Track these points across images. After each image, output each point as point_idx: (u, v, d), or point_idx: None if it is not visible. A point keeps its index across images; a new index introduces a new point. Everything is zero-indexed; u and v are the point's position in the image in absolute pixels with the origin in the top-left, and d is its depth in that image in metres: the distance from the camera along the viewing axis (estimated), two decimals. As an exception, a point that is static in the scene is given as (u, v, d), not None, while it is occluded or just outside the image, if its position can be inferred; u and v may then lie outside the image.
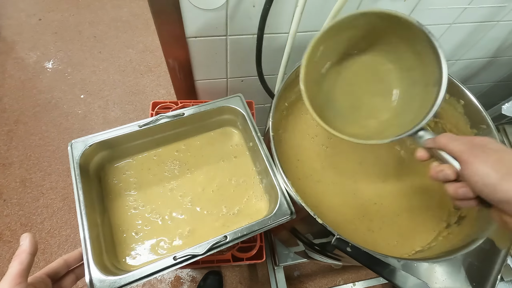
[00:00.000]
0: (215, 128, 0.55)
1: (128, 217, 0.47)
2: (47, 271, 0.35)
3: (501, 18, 0.70)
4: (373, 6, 0.58)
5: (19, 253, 0.32)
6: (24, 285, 0.30)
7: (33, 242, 0.33)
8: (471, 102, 0.51)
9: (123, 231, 0.45)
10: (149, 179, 0.50)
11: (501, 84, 1.01)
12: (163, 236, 0.45)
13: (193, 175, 0.51)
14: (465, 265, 0.38)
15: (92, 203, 0.43)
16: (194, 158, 0.52)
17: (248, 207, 0.49)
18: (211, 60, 0.66)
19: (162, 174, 0.50)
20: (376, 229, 0.50)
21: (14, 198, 1.16)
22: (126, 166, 0.50)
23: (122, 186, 0.49)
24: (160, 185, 0.49)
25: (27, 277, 0.31)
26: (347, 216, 0.51)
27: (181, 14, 0.53)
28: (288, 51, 0.57)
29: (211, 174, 0.51)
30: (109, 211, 0.46)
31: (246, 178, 0.51)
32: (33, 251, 0.33)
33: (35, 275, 0.33)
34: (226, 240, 0.39)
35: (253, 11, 0.55)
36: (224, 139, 0.55)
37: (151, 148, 0.52)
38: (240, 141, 0.54)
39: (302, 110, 0.60)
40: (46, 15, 1.62)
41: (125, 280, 0.36)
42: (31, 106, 1.35)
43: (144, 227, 0.46)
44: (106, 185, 0.48)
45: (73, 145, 0.44)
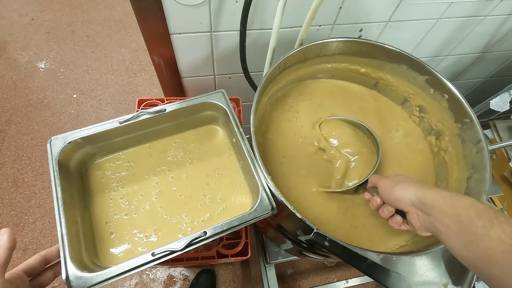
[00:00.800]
0: (199, 125, 0.55)
1: (109, 213, 0.46)
2: (24, 267, 0.34)
3: (488, 12, 0.70)
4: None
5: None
6: (1, 280, 0.30)
7: (12, 237, 0.33)
8: (455, 97, 0.51)
9: (104, 227, 0.45)
10: (132, 175, 0.49)
11: (492, 80, 1.01)
12: (144, 232, 0.45)
13: (177, 171, 0.50)
14: (445, 258, 0.38)
15: (72, 200, 0.43)
16: (178, 154, 0.52)
17: (233, 202, 0.49)
18: (197, 57, 0.66)
19: (146, 170, 0.50)
20: (359, 225, 0.50)
21: (6, 198, 1.15)
22: (108, 162, 0.50)
23: (104, 182, 0.48)
24: (143, 181, 0.49)
25: (4, 272, 0.31)
26: (331, 211, 0.51)
27: (163, 10, 0.53)
28: (272, 46, 0.57)
29: (195, 171, 0.51)
30: (90, 207, 0.46)
31: (230, 174, 0.51)
32: (11, 246, 0.32)
33: (12, 271, 0.33)
34: (205, 235, 0.39)
35: (236, 7, 0.55)
36: (208, 135, 0.54)
37: (134, 145, 0.51)
38: (223, 137, 0.54)
39: (286, 106, 0.60)
40: (38, 15, 1.62)
41: (102, 277, 0.36)
42: (23, 106, 1.35)
43: (125, 223, 0.45)
44: (88, 182, 0.48)
45: (52, 142, 0.43)
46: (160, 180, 0.50)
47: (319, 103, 0.61)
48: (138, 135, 0.50)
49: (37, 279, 0.36)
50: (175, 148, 0.53)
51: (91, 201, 0.47)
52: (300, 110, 0.60)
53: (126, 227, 0.45)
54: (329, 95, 0.62)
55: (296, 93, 0.62)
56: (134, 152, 0.51)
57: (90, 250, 0.42)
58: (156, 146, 0.52)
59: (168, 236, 0.44)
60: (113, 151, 0.51)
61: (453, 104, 0.52)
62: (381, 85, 0.62)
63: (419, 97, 0.58)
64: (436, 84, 0.53)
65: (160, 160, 0.51)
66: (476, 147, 0.48)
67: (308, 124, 0.58)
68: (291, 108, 0.59)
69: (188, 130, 0.54)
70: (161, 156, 0.52)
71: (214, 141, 0.54)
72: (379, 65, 0.59)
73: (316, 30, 0.64)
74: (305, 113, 0.59)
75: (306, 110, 0.60)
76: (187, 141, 0.53)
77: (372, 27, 0.67)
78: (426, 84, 0.55)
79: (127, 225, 0.45)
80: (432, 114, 0.57)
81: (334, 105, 0.61)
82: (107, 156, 0.51)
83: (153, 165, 0.51)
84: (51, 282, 0.37)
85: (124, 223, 0.45)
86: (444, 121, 0.55)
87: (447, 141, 0.54)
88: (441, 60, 0.86)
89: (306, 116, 0.59)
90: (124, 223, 0.45)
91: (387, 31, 0.70)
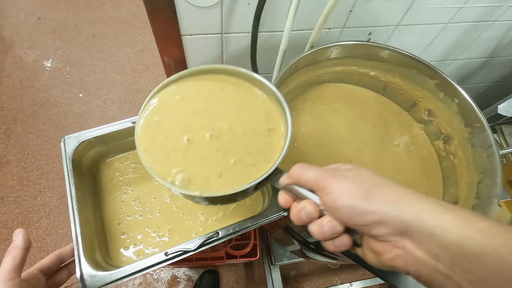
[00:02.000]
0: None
1: (121, 212, 0.46)
2: (40, 266, 0.35)
3: (497, 18, 0.70)
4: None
5: (12, 249, 0.32)
6: (18, 280, 0.30)
7: (26, 237, 0.33)
8: (465, 101, 0.51)
9: (115, 227, 0.45)
10: (142, 174, 0.50)
11: (498, 84, 1.01)
12: (158, 232, 0.45)
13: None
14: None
15: (85, 199, 0.43)
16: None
17: (244, 201, 0.49)
18: (206, 58, 0.66)
19: None
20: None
21: (11, 196, 1.16)
22: (119, 161, 0.50)
23: (115, 182, 0.49)
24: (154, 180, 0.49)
25: (21, 272, 0.31)
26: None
27: (176, 11, 0.53)
28: (283, 49, 0.57)
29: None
30: (102, 207, 0.46)
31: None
32: (26, 247, 0.33)
33: (28, 271, 0.33)
34: (218, 236, 0.39)
35: (248, 9, 0.55)
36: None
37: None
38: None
39: (297, 109, 0.60)
40: (45, 14, 1.63)
41: (116, 276, 0.36)
42: (29, 104, 1.35)
43: (138, 223, 0.46)
44: (99, 181, 0.48)
45: (66, 141, 0.44)
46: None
47: (333, 108, 0.61)
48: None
49: (52, 278, 0.36)
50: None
51: (102, 201, 0.47)
52: (309, 114, 0.60)
53: (139, 227, 0.45)
54: (338, 99, 0.63)
55: (306, 97, 0.62)
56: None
57: (102, 249, 0.42)
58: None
59: (181, 236, 0.45)
60: (123, 150, 0.51)
61: (463, 108, 0.52)
62: (390, 88, 0.62)
63: (428, 101, 0.58)
64: (447, 88, 0.53)
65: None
66: (486, 151, 0.48)
67: (314, 127, 0.58)
68: (300, 112, 0.59)
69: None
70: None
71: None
72: (388, 69, 0.59)
73: (326, 33, 0.64)
74: (313, 116, 0.60)
75: (316, 113, 0.60)
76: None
77: (381, 30, 0.68)
78: (436, 88, 0.55)
79: (140, 225, 0.46)
80: (441, 118, 0.57)
81: (338, 108, 0.62)
82: (117, 155, 0.51)
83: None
84: (66, 280, 0.37)
85: (137, 223, 0.46)
86: (453, 125, 0.55)
87: (457, 145, 0.54)
88: (448, 65, 0.86)
89: (315, 120, 0.59)
90: (137, 224, 0.46)
91: (396, 35, 0.70)
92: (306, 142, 0.57)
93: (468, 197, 0.48)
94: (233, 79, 0.39)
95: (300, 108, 0.61)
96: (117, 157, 0.50)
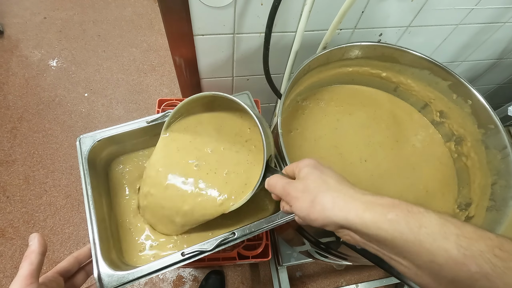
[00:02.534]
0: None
1: (133, 212, 0.46)
2: (59, 269, 0.34)
3: (508, 19, 0.70)
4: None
5: (29, 254, 0.31)
6: (36, 285, 0.30)
7: (42, 242, 0.33)
8: (478, 102, 0.51)
9: (129, 227, 0.45)
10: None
11: (506, 86, 1.01)
12: (170, 231, 0.45)
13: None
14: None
15: (100, 199, 0.43)
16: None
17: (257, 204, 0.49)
18: (217, 58, 0.66)
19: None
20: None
21: (17, 195, 1.16)
22: (132, 161, 0.50)
23: (128, 180, 0.48)
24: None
25: (38, 277, 0.31)
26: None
27: (189, 11, 0.54)
28: (295, 49, 0.57)
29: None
30: (115, 206, 0.46)
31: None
32: (43, 251, 0.32)
33: (47, 274, 0.33)
34: (234, 236, 0.39)
35: (261, 9, 0.55)
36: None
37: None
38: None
39: (310, 108, 0.60)
40: (50, 14, 1.63)
41: (134, 275, 0.36)
42: (35, 104, 1.35)
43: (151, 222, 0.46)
44: (112, 180, 0.48)
45: (81, 140, 0.44)
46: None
47: (348, 110, 0.61)
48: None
49: (71, 280, 0.36)
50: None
51: (116, 200, 0.47)
52: (322, 114, 0.60)
53: (151, 226, 0.45)
54: (349, 99, 0.63)
55: (319, 98, 0.62)
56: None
57: (117, 249, 0.42)
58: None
59: (196, 236, 0.44)
60: (136, 150, 0.51)
61: (477, 109, 0.52)
62: (401, 89, 0.62)
63: (440, 102, 0.58)
64: (460, 89, 0.53)
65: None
66: (501, 153, 0.48)
67: (329, 128, 0.58)
68: (312, 111, 0.59)
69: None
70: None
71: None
72: (400, 70, 0.59)
73: (337, 33, 0.64)
74: (327, 117, 0.60)
75: (329, 113, 0.60)
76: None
77: (392, 32, 0.68)
78: (449, 89, 0.55)
79: (151, 223, 0.45)
80: (454, 119, 0.57)
81: (353, 110, 0.61)
82: (130, 154, 0.51)
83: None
84: (84, 282, 0.37)
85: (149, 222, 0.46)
86: (466, 127, 0.55)
87: (469, 146, 0.54)
88: (457, 66, 0.86)
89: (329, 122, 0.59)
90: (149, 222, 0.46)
91: (406, 36, 0.70)
92: (319, 143, 0.57)
93: (481, 198, 0.48)
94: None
95: (313, 107, 0.61)
96: (130, 156, 0.50)
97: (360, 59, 0.58)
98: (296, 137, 0.57)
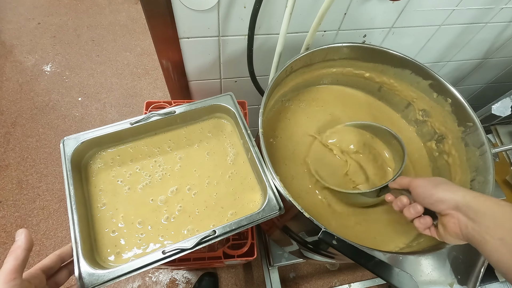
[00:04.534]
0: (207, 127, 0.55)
1: (114, 219, 0.46)
2: (41, 266, 0.35)
3: (489, 20, 0.71)
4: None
5: (14, 249, 0.32)
6: (19, 280, 0.30)
7: (29, 237, 0.33)
8: (457, 101, 0.52)
9: (110, 227, 0.45)
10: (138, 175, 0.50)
11: (493, 85, 1.02)
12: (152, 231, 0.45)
13: (184, 171, 0.50)
14: (450, 258, 0.38)
15: (83, 199, 0.43)
16: (187, 153, 0.52)
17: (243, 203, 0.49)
18: (204, 61, 0.67)
19: (154, 169, 0.50)
20: (363, 223, 0.50)
21: (10, 199, 1.16)
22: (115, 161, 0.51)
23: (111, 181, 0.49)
24: (151, 178, 0.49)
25: (22, 272, 0.31)
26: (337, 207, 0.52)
27: (173, 15, 0.55)
28: (279, 51, 0.58)
29: (204, 169, 0.50)
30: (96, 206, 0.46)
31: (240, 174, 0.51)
32: (29, 247, 0.33)
33: (30, 271, 0.33)
34: (215, 234, 0.40)
35: (244, 12, 0.56)
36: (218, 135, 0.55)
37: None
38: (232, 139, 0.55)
39: (289, 113, 0.61)
40: (45, 19, 1.64)
41: (114, 274, 0.36)
42: (28, 108, 1.36)
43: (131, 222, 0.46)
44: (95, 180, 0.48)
45: (65, 142, 0.44)
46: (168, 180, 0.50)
47: (324, 109, 0.62)
48: (146, 136, 0.51)
49: (53, 278, 0.36)
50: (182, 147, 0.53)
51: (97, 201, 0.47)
52: (305, 116, 0.61)
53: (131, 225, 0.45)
54: (333, 101, 0.64)
55: (301, 98, 0.63)
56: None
57: (100, 248, 0.42)
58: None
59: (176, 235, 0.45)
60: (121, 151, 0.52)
61: (456, 108, 0.53)
62: (385, 89, 0.63)
63: (422, 101, 0.59)
64: (440, 88, 0.54)
65: (166, 160, 0.52)
66: (479, 150, 0.49)
67: (314, 129, 0.59)
68: (296, 113, 0.60)
69: (196, 132, 0.55)
70: (169, 156, 0.52)
71: (222, 143, 0.55)
72: (383, 70, 0.60)
73: (321, 35, 0.66)
74: (310, 118, 0.60)
75: (312, 115, 0.61)
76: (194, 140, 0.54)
77: (376, 33, 0.69)
78: (430, 88, 0.56)
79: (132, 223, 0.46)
80: (435, 117, 0.58)
81: (336, 111, 0.62)
82: (113, 155, 0.51)
83: (160, 165, 0.51)
84: (66, 280, 0.38)
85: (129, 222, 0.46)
86: (447, 125, 0.56)
87: (450, 144, 0.55)
88: (443, 66, 0.88)
89: (311, 122, 0.60)
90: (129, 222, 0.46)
91: (390, 37, 0.71)
92: (302, 142, 0.58)
93: None
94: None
95: (294, 108, 0.62)
96: (112, 157, 0.50)
97: (343, 60, 0.59)
98: (279, 136, 0.58)
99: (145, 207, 0.46)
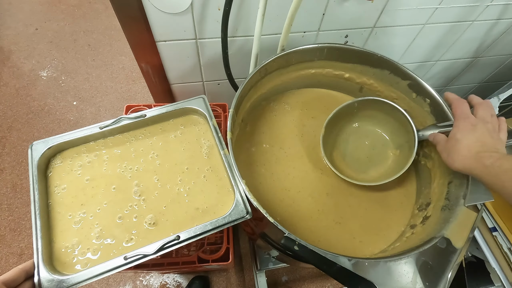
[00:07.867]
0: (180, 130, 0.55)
1: (77, 215, 0.46)
2: (3, 279, 0.35)
3: (475, 18, 0.70)
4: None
5: None
6: None
7: None
8: (435, 100, 0.51)
9: (73, 231, 0.45)
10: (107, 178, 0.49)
11: (487, 85, 1.00)
12: (116, 236, 0.45)
13: (156, 172, 0.50)
14: (419, 264, 0.37)
15: (47, 204, 0.43)
16: (157, 156, 0.51)
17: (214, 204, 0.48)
18: (184, 64, 0.67)
19: (125, 170, 0.49)
20: (343, 221, 0.49)
21: (5, 203, 1.17)
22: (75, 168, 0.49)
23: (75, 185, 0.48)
24: (120, 179, 0.48)
25: None
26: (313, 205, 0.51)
27: (147, 18, 0.54)
28: (255, 53, 0.58)
29: (177, 171, 0.49)
30: (59, 212, 0.46)
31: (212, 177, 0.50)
32: None
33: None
34: (178, 239, 0.39)
35: (219, 14, 0.56)
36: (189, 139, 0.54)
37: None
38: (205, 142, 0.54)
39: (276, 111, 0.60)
40: (42, 25, 1.66)
41: (74, 280, 0.36)
42: (24, 113, 1.38)
43: (95, 227, 0.45)
44: (59, 185, 0.48)
45: (33, 147, 0.44)
46: (137, 182, 0.49)
47: (311, 114, 0.62)
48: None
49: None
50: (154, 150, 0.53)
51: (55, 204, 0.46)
52: (284, 117, 0.60)
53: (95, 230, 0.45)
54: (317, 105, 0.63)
55: (280, 100, 0.62)
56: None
57: (61, 254, 0.42)
58: (136, 149, 0.52)
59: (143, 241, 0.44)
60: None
61: (435, 107, 0.51)
62: (366, 90, 0.62)
63: (402, 102, 0.58)
64: (418, 88, 0.53)
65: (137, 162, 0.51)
66: (456, 151, 0.47)
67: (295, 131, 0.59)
68: (277, 115, 0.60)
69: (169, 133, 0.54)
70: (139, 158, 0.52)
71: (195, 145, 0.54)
72: (362, 70, 0.59)
73: (301, 36, 0.65)
74: (289, 120, 0.60)
75: (292, 117, 0.60)
76: (166, 144, 0.53)
77: (358, 33, 0.68)
78: (409, 88, 0.55)
79: (95, 228, 0.45)
80: (416, 118, 0.56)
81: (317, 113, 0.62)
82: (79, 160, 0.50)
83: (132, 166, 0.50)
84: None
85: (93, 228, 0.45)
86: (426, 125, 0.54)
87: (430, 145, 0.54)
88: (433, 65, 0.86)
89: (291, 123, 0.59)
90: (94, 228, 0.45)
91: (374, 37, 0.70)
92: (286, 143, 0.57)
93: (439, 198, 0.48)
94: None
95: (280, 110, 0.61)
96: (78, 159, 0.49)
97: (321, 61, 0.59)
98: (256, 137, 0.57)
99: (111, 210, 0.45)
